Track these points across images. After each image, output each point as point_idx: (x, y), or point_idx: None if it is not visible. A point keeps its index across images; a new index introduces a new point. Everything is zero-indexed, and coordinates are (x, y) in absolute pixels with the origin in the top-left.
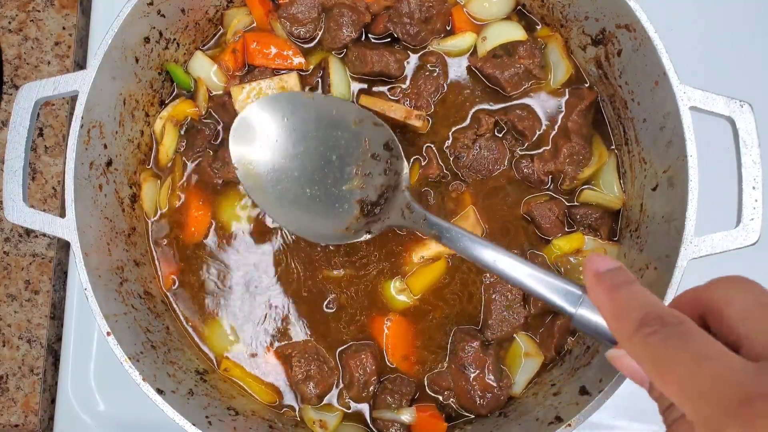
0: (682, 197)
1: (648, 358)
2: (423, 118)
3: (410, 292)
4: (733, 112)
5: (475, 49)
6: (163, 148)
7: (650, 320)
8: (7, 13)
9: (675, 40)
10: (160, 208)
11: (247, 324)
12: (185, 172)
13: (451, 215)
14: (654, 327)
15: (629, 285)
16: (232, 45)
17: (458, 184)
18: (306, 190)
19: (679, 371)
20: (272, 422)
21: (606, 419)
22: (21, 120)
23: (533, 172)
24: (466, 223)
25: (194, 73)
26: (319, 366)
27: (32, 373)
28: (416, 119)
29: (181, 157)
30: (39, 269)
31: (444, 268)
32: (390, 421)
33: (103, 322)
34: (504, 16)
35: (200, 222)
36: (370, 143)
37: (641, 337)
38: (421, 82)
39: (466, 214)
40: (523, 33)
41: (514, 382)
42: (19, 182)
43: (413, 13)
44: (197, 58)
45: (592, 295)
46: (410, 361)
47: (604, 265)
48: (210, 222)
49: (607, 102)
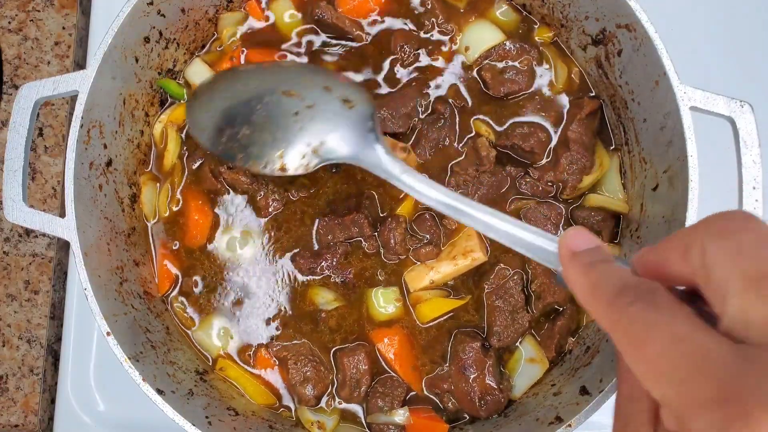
0: (683, 197)
1: (620, 332)
2: (408, 151)
3: (417, 319)
4: (733, 112)
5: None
6: (168, 154)
7: (627, 291)
8: (6, 12)
9: (675, 40)
10: (159, 213)
11: (241, 326)
12: (184, 177)
13: (454, 234)
14: (629, 298)
15: (606, 263)
16: (230, 53)
17: None
18: (252, 106)
19: (650, 351)
20: (272, 423)
21: (606, 419)
22: (21, 120)
23: (537, 187)
24: (470, 242)
25: (192, 80)
26: (315, 367)
27: (32, 373)
28: (401, 151)
29: (182, 162)
30: (39, 269)
31: (459, 303)
32: (385, 424)
33: (103, 322)
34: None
35: (201, 226)
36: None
37: (617, 309)
38: (426, 128)
39: (468, 234)
40: (501, 34)
41: (514, 385)
42: (18, 182)
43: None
44: (196, 64)
45: (566, 273)
46: (420, 370)
47: (581, 243)
48: (210, 226)
49: (607, 102)
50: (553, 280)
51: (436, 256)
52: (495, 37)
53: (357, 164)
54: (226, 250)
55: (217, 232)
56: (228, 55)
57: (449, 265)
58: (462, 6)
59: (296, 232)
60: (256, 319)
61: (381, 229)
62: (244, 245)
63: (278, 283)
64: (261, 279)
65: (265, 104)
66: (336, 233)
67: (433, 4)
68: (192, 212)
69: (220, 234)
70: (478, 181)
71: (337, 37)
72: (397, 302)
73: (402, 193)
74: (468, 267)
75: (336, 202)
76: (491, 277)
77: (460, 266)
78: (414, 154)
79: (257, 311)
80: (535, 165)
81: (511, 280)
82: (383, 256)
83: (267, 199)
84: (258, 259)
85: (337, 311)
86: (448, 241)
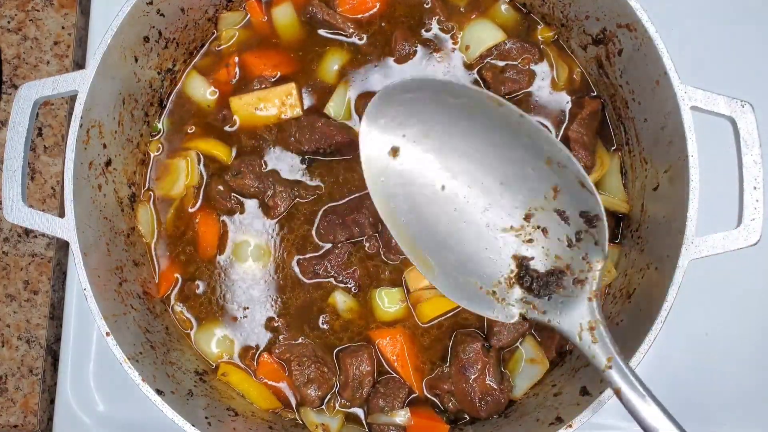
0: (683, 197)
1: None
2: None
3: (417, 319)
4: (734, 112)
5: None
6: (189, 192)
7: None
8: (6, 12)
9: (676, 40)
10: (165, 230)
11: (243, 329)
12: (198, 201)
13: None
14: None
15: None
16: (225, 59)
17: None
18: (449, 207)
19: None
20: (272, 423)
21: (607, 420)
22: (20, 120)
23: None
24: None
25: (190, 93)
26: (318, 368)
27: (31, 374)
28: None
29: (194, 191)
30: (38, 269)
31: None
32: (386, 424)
33: (103, 323)
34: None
35: (211, 238)
36: (561, 197)
37: None
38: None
39: None
40: (502, 33)
41: (514, 385)
42: (18, 182)
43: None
44: (193, 78)
45: None
46: (421, 371)
47: None
48: (218, 239)
49: (607, 102)
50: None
51: None
52: (495, 36)
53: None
54: (232, 255)
55: (226, 241)
56: (223, 61)
57: None
58: (462, 5)
59: (299, 233)
60: (259, 322)
61: (382, 228)
62: (250, 251)
63: (281, 285)
64: (264, 281)
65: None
66: (337, 233)
67: (433, 3)
68: (201, 226)
69: (228, 243)
70: None
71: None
72: (401, 302)
73: None
74: None
75: (337, 201)
76: None
77: None
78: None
79: (260, 314)
80: None
81: None
82: (384, 255)
83: (275, 198)
84: (262, 262)
85: (343, 313)
86: None
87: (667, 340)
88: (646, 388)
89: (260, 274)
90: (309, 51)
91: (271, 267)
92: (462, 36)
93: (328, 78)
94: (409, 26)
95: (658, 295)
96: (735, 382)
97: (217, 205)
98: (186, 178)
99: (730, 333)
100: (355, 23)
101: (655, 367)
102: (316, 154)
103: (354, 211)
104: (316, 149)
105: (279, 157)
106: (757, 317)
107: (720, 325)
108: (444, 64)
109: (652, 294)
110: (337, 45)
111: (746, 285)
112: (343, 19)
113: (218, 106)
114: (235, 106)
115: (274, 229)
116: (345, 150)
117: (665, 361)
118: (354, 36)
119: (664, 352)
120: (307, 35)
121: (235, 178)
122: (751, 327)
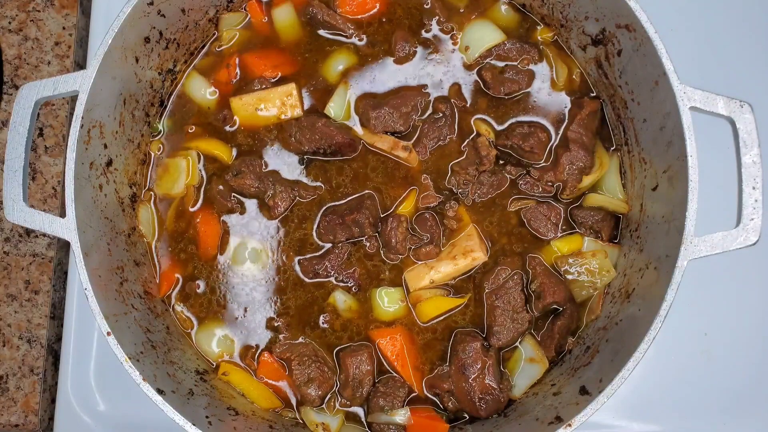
0: (682, 197)
1: None
2: (409, 150)
3: (417, 318)
4: (733, 112)
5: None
6: (190, 191)
7: None
8: (7, 13)
9: (675, 41)
10: (167, 227)
11: (244, 329)
12: (198, 200)
13: (454, 234)
14: None
15: None
16: (226, 59)
17: (453, 203)
18: None
19: None
20: (272, 422)
21: (606, 419)
22: (21, 120)
23: (537, 187)
24: (471, 241)
25: (190, 93)
26: (319, 367)
27: (32, 373)
28: (402, 150)
29: (195, 190)
30: (39, 269)
31: (459, 302)
32: (386, 423)
33: (103, 322)
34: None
35: (212, 238)
36: None
37: None
38: (426, 126)
39: (469, 233)
40: (501, 34)
41: (514, 385)
42: (19, 182)
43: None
44: (193, 78)
45: None
46: (421, 370)
47: None
48: (219, 239)
49: (607, 102)
50: (571, 325)
51: (436, 255)
52: (495, 37)
53: None
54: (232, 255)
55: (227, 241)
56: (224, 62)
57: (449, 265)
58: (462, 5)
59: (300, 232)
60: (259, 322)
61: (382, 228)
62: (251, 251)
63: (281, 285)
64: (264, 281)
65: None
66: (337, 233)
67: (433, 4)
68: (202, 226)
69: (229, 243)
70: (479, 181)
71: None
72: (401, 302)
73: (403, 193)
74: (468, 267)
75: (337, 201)
76: (491, 277)
77: (461, 266)
78: (415, 152)
79: (260, 314)
80: (535, 165)
81: (511, 280)
82: (383, 255)
83: (275, 198)
84: (263, 262)
85: (343, 312)
86: (449, 241)
87: (666, 340)
88: None
89: (260, 274)
90: (316, 51)
91: (271, 267)
92: (462, 37)
93: (331, 77)
94: (408, 27)
95: (658, 295)
96: (735, 382)
97: (217, 205)
98: (186, 178)
99: (729, 333)
100: (355, 24)
101: (654, 367)
102: (316, 155)
103: (354, 211)
104: (316, 149)
105: (279, 158)
106: (756, 317)
107: (719, 324)
108: (443, 64)
109: (651, 294)
110: (344, 47)
111: (746, 285)
112: (343, 19)
113: (219, 107)
114: (235, 106)
115: (274, 229)
116: (345, 150)
117: (665, 360)
118: (354, 36)
119: (664, 352)
120: (307, 36)
121: (236, 178)
122: (750, 327)
